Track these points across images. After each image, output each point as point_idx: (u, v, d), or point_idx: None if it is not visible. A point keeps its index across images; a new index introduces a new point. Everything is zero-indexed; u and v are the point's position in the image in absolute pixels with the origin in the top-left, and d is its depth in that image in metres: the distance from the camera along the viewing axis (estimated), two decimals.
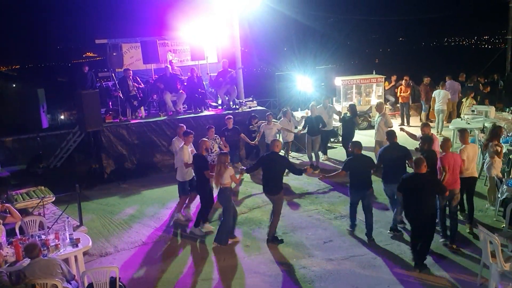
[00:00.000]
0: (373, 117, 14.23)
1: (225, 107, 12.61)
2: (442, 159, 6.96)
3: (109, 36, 13.66)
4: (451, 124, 12.49)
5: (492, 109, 12.65)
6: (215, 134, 9.45)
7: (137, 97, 11.77)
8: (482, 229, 5.68)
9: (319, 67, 17.55)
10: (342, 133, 11.69)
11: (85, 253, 6.68)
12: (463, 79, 15.31)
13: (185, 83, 12.36)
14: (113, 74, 12.32)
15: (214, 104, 13.11)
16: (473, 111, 13.03)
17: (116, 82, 11.73)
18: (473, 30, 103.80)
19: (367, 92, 15.57)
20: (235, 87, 12.78)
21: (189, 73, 12.42)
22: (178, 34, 13.71)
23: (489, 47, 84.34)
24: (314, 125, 11.15)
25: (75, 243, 6.13)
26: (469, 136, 8.05)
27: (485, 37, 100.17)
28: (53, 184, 9.09)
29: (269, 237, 7.39)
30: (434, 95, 13.97)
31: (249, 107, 12.59)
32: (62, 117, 22.60)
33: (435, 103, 13.86)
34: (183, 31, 13.55)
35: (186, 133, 8.25)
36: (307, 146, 11.34)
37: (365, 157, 7.44)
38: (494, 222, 7.69)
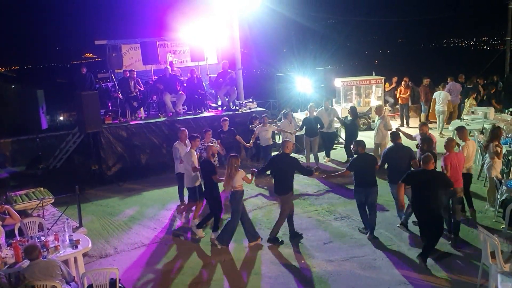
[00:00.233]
0: (373, 118, 14.26)
1: (225, 108, 12.60)
2: (446, 158, 7.07)
3: (108, 37, 13.72)
4: (451, 125, 12.50)
5: (491, 110, 12.66)
6: (211, 138, 9.37)
7: (137, 98, 11.77)
8: (482, 230, 5.69)
9: (318, 68, 17.55)
10: (345, 136, 11.71)
11: (84, 255, 6.68)
12: (463, 80, 15.33)
13: (184, 84, 12.34)
14: (112, 75, 12.32)
15: (214, 105, 13.11)
16: (473, 112, 13.05)
17: (116, 83, 11.73)
18: (472, 32, 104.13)
19: (366, 94, 15.58)
20: (235, 88, 12.77)
21: (188, 74, 12.42)
22: (178, 35, 13.71)
23: (488, 48, 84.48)
24: (313, 126, 11.15)
25: (74, 244, 6.13)
26: (468, 134, 8.24)
27: (484, 38, 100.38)
28: (53, 186, 9.07)
29: (270, 236, 7.38)
30: (434, 96, 14.00)
31: (249, 108, 12.58)
32: (61, 118, 22.58)
33: (435, 104, 13.88)
34: (182, 32, 13.54)
35: (193, 137, 8.11)
36: (306, 147, 11.35)
37: (369, 155, 7.55)
38: (493, 223, 7.69)
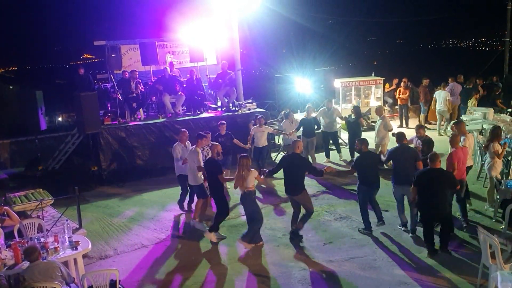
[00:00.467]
0: (372, 118, 14.28)
1: (224, 109, 12.60)
2: (453, 155, 7.23)
3: (107, 37, 13.64)
4: (449, 125, 12.50)
5: (490, 111, 12.68)
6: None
7: (137, 99, 11.75)
8: (482, 230, 5.69)
9: (318, 69, 17.59)
10: (348, 135, 11.72)
11: (84, 256, 6.65)
12: (461, 80, 15.35)
13: (184, 85, 12.34)
14: (111, 76, 12.31)
15: (213, 106, 13.10)
16: (471, 112, 13.06)
17: (115, 84, 11.71)
18: (470, 32, 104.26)
19: (366, 94, 15.61)
20: (235, 89, 12.77)
21: (188, 75, 12.42)
22: (177, 36, 13.69)
23: (486, 49, 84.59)
24: (310, 127, 11.15)
25: (74, 245, 6.11)
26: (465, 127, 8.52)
27: (483, 39, 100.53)
28: (52, 187, 9.06)
29: (293, 230, 7.37)
30: (435, 96, 14.06)
31: (249, 109, 12.57)
32: (60, 119, 22.55)
33: (436, 104, 13.94)
34: (182, 33, 13.53)
35: (200, 136, 8.06)
36: (304, 147, 11.33)
37: (372, 153, 7.68)
38: (493, 223, 7.70)
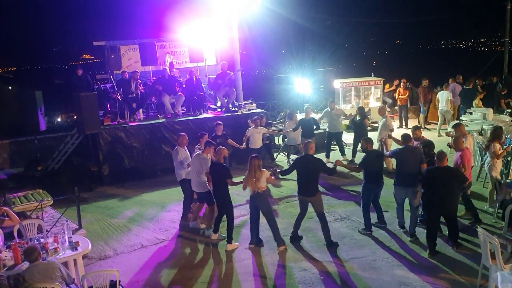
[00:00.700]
0: (372, 119, 14.30)
1: (224, 109, 12.59)
2: (463, 156, 7.33)
3: (107, 38, 13.58)
4: (449, 126, 12.51)
5: (490, 111, 12.69)
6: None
7: (136, 99, 11.74)
8: (482, 230, 5.69)
9: (317, 69, 17.58)
10: (354, 136, 11.82)
11: (84, 256, 6.64)
12: (461, 81, 15.38)
13: (183, 85, 12.33)
14: (111, 76, 12.30)
15: (213, 106, 13.09)
16: (471, 113, 13.07)
17: (115, 84, 11.71)
18: (470, 33, 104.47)
19: (365, 95, 15.62)
20: (234, 90, 12.76)
21: (187, 75, 12.41)
22: (177, 36, 13.68)
23: (485, 49, 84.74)
24: (309, 127, 11.15)
25: (74, 246, 6.10)
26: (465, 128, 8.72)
27: (482, 39, 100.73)
28: (51, 187, 9.05)
29: (326, 242, 7.25)
30: (437, 96, 14.13)
31: (248, 110, 12.56)
32: (59, 119, 22.54)
33: (438, 104, 14.00)
34: (181, 33, 13.52)
35: (209, 143, 7.88)
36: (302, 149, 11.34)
37: (377, 151, 7.77)
38: (493, 223, 7.70)
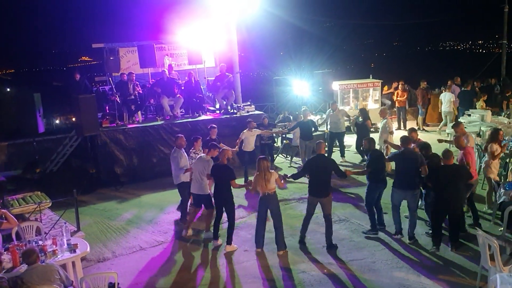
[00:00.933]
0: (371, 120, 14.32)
1: (223, 111, 12.59)
2: (466, 154, 7.42)
3: (106, 40, 13.57)
4: (448, 128, 12.55)
5: (488, 113, 12.73)
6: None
7: (135, 101, 11.74)
8: (481, 232, 5.70)
9: (316, 71, 17.61)
10: (357, 138, 11.91)
11: (82, 259, 6.63)
12: (459, 82, 15.43)
13: (182, 87, 12.33)
14: (110, 78, 12.29)
15: (211, 108, 13.09)
16: (469, 115, 13.11)
17: (113, 86, 11.70)
18: (467, 35, 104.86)
19: (364, 97, 15.64)
20: (233, 92, 12.78)
21: (186, 77, 12.42)
22: (175, 38, 13.69)
23: (483, 51, 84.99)
24: (307, 129, 11.18)
25: (72, 248, 6.08)
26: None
27: (480, 41, 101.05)
28: (50, 189, 9.01)
29: (327, 244, 7.24)
30: (440, 97, 14.23)
31: (247, 112, 12.57)
32: (57, 121, 22.49)
33: (441, 105, 14.09)
34: (180, 35, 13.52)
35: (214, 146, 7.86)
36: (301, 150, 11.37)
37: (379, 151, 7.91)
38: (492, 225, 7.72)
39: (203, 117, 12.22)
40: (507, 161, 9.12)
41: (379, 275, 6.39)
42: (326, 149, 11.98)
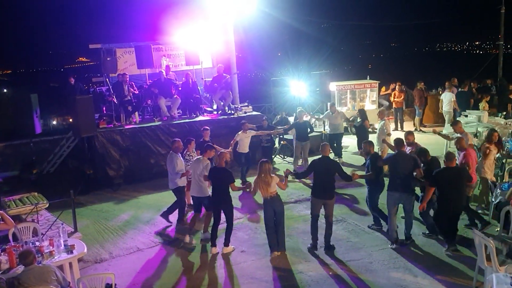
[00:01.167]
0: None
1: (220, 112, 12.60)
2: (467, 156, 7.46)
3: (103, 41, 13.60)
4: (445, 129, 12.57)
5: (485, 114, 12.76)
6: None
7: (131, 102, 11.73)
8: (477, 233, 5.72)
9: (313, 72, 17.66)
10: (357, 139, 11.98)
11: (80, 260, 6.63)
12: (456, 83, 15.48)
13: (179, 88, 12.34)
14: (107, 79, 12.28)
15: (209, 109, 13.11)
16: (466, 116, 13.15)
17: (110, 87, 11.69)
18: (465, 36, 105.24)
19: (361, 97, 15.68)
20: (230, 92, 12.78)
21: (183, 78, 12.41)
22: (173, 39, 13.70)
23: (480, 52, 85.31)
24: (303, 131, 11.19)
25: (69, 249, 6.07)
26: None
27: (477, 42, 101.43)
28: (47, 190, 8.99)
29: (325, 244, 7.22)
30: (441, 97, 14.28)
31: (245, 112, 12.58)
32: (54, 122, 22.44)
33: (442, 105, 14.25)
34: (177, 36, 13.54)
35: (210, 147, 7.83)
36: (296, 151, 11.37)
37: (377, 154, 8.03)
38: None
39: (200, 118, 12.22)
40: (504, 161, 9.14)
41: (376, 275, 6.41)
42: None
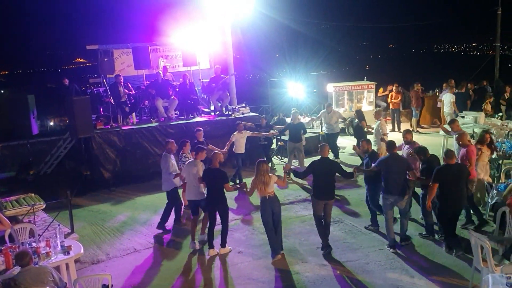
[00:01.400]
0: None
1: (217, 113, 12.60)
2: (470, 152, 7.46)
3: (100, 42, 13.59)
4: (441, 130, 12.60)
5: (481, 115, 12.81)
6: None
7: (126, 103, 11.71)
8: (473, 233, 5.74)
9: (311, 73, 17.69)
10: (357, 140, 11.87)
11: (76, 261, 6.62)
12: (453, 85, 15.53)
13: (177, 89, 12.33)
14: (104, 80, 12.28)
15: (206, 110, 13.11)
16: (463, 117, 13.18)
17: (108, 88, 11.68)
18: (462, 37, 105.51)
19: (358, 99, 15.72)
20: (228, 93, 12.79)
21: (181, 79, 12.42)
22: (170, 40, 13.71)
23: (477, 54, 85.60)
24: (296, 132, 11.20)
25: (66, 250, 6.06)
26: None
27: (474, 44, 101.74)
28: (44, 191, 8.98)
29: (322, 245, 7.15)
30: (442, 98, 14.35)
31: (242, 113, 12.59)
32: (51, 123, 22.39)
33: (443, 106, 14.27)
34: (175, 37, 13.55)
35: (201, 149, 7.74)
36: (289, 152, 11.39)
37: (376, 152, 8.11)
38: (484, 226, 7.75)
39: (197, 119, 12.22)
40: (500, 162, 9.17)
41: (372, 276, 6.42)
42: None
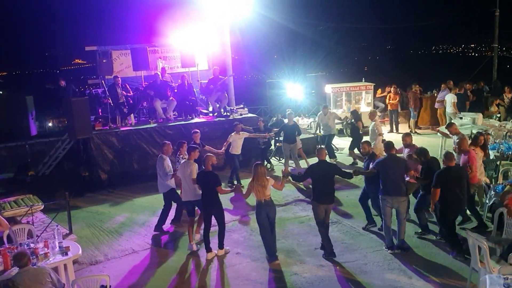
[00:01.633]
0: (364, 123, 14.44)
1: (216, 114, 12.61)
2: (470, 157, 7.47)
3: (98, 43, 13.61)
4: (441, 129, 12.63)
5: (479, 116, 12.84)
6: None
7: (124, 104, 11.71)
8: (471, 234, 5.75)
9: (309, 74, 17.71)
10: (352, 140, 12.07)
11: (74, 262, 6.62)
12: (451, 85, 15.57)
13: (175, 90, 12.34)
14: (102, 81, 12.28)
15: (205, 111, 13.11)
16: (461, 118, 13.21)
17: (106, 89, 11.68)
18: (460, 38, 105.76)
19: (356, 100, 15.76)
20: (226, 94, 12.80)
21: (179, 80, 12.43)
22: (168, 41, 13.72)
23: (476, 55, 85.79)
24: (291, 133, 11.22)
25: (64, 251, 6.07)
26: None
27: (472, 45, 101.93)
28: (42, 192, 8.96)
29: (324, 249, 7.13)
30: (445, 98, 14.39)
31: (240, 114, 12.59)
32: (50, 124, 22.36)
33: (447, 106, 14.33)
34: (173, 38, 13.56)
35: (193, 148, 7.72)
36: (285, 153, 11.40)
37: (374, 153, 8.11)
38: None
39: (196, 120, 12.24)
40: (498, 163, 9.19)
41: (370, 276, 6.43)
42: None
